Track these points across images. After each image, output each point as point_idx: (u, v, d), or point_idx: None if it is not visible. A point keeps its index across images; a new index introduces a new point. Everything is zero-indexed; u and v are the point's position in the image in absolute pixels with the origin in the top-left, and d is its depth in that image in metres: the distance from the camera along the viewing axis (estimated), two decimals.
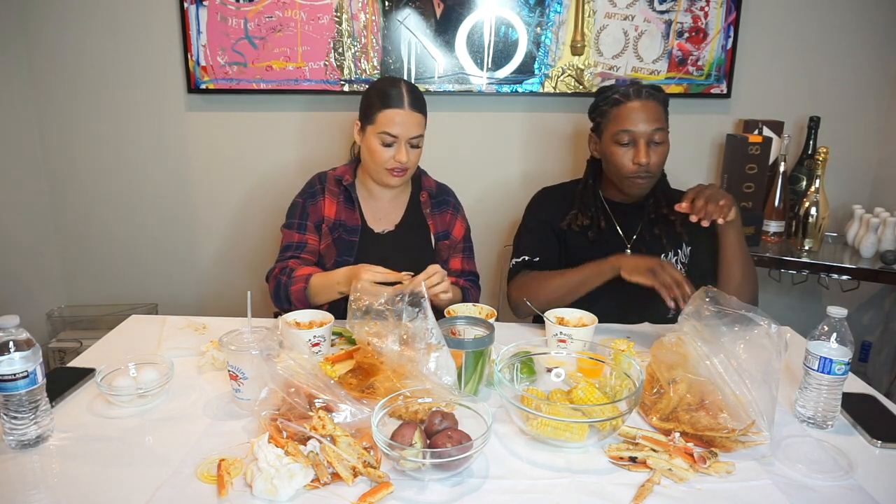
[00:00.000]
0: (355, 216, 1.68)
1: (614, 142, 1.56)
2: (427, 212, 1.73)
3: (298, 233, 1.66)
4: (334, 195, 1.69)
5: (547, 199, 1.72)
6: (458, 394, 1.11)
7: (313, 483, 0.94)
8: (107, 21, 2.24)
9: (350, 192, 1.69)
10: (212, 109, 2.34)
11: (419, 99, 1.61)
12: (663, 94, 1.57)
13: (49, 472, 0.99)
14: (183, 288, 2.54)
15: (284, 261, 1.61)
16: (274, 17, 2.20)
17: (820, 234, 2.06)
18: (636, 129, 1.52)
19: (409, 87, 1.60)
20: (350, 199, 1.69)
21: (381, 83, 1.63)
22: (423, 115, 1.61)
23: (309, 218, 1.67)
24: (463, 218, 1.78)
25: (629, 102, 1.54)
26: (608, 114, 1.58)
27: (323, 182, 1.71)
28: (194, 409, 1.17)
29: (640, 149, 1.52)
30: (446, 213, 1.75)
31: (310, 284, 1.52)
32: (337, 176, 1.71)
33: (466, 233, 1.78)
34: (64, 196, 2.43)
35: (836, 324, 1.10)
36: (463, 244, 1.76)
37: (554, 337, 1.35)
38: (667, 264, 1.41)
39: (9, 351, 0.99)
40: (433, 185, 1.77)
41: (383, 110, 1.56)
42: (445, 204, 1.76)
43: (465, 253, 1.76)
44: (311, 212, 1.68)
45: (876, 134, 2.35)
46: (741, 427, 1.04)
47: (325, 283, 1.50)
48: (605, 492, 0.95)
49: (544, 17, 2.20)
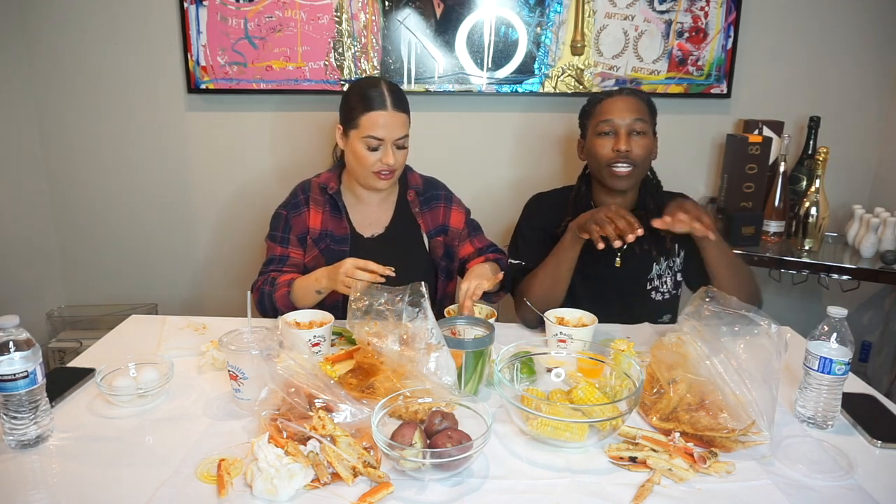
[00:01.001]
0: (343, 224, 1.64)
1: (596, 134, 1.58)
2: (416, 210, 1.69)
3: (281, 246, 1.63)
4: (319, 204, 1.65)
5: (540, 206, 1.72)
6: (458, 394, 1.11)
7: (313, 483, 0.94)
8: (107, 21, 2.24)
9: (336, 200, 1.65)
10: (212, 109, 2.34)
11: (401, 98, 1.57)
12: (647, 96, 1.61)
13: (49, 472, 0.99)
14: (183, 288, 2.54)
15: (267, 273, 1.60)
16: (274, 17, 2.20)
17: (820, 234, 2.06)
18: (617, 119, 1.54)
19: (389, 86, 1.56)
20: (336, 207, 1.65)
21: (360, 85, 1.58)
22: (407, 113, 1.57)
23: (292, 231, 1.64)
24: (458, 205, 1.73)
25: (611, 97, 1.58)
26: (591, 112, 1.61)
27: (307, 192, 1.67)
28: (194, 409, 1.17)
29: (620, 137, 1.53)
30: (438, 208, 1.70)
31: (293, 288, 1.51)
32: (321, 184, 1.66)
33: (467, 217, 1.73)
34: (64, 196, 2.43)
35: (836, 324, 1.10)
36: (467, 228, 1.72)
37: (554, 337, 1.35)
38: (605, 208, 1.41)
39: (9, 351, 0.99)
40: (420, 182, 1.71)
41: (366, 113, 1.52)
42: (435, 199, 1.71)
43: (472, 234, 1.73)
44: (295, 224, 1.64)
45: (876, 134, 2.35)
46: (741, 427, 1.04)
47: (305, 283, 1.50)
48: (605, 492, 0.95)
49: (544, 17, 2.20)
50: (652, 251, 1.61)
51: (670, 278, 1.64)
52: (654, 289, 1.64)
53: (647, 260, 1.62)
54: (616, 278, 1.62)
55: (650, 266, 1.62)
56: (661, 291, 1.64)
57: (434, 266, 1.70)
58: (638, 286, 1.64)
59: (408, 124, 1.58)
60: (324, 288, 1.45)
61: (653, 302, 1.64)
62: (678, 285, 1.67)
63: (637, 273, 1.63)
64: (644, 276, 1.63)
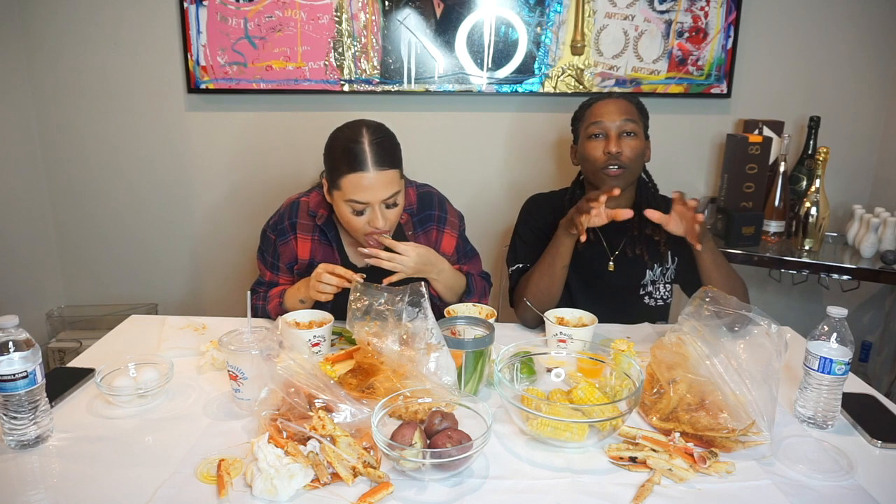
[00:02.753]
0: (334, 255, 1.55)
1: (587, 137, 1.58)
2: (409, 234, 1.57)
3: (270, 272, 1.59)
4: (307, 231, 1.55)
5: (537, 208, 1.72)
6: (458, 394, 1.11)
7: (313, 483, 0.94)
8: (107, 21, 2.24)
9: (325, 232, 1.55)
10: (212, 109, 2.34)
11: (387, 151, 1.38)
12: (637, 99, 1.61)
13: (49, 472, 0.99)
14: (183, 288, 2.54)
15: (258, 294, 1.58)
16: (274, 17, 2.20)
17: (820, 234, 2.06)
18: (606, 122, 1.54)
19: (373, 139, 1.37)
20: (327, 236, 1.55)
21: (341, 137, 1.40)
22: (395, 167, 1.40)
23: (280, 259, 1.57)
24: (452, 229, 1.61)
25: (601, 101, 1.58)
26: (582, 116, 1.62)
27: (294, 217, 1.55)
28: (194, 409, 1.17)
29: (610, 139, 1.53)
30: (431, 231, 1.60)
31: (284, 299, 1.52)
32: (311, 211, 1.55)
33: (458, 243, 1.62)
34: (64, 196, 2.43)
35: (836, 324, 1.10)
36: (456, 256, 1.63)
37: (554, 337, 1.35)
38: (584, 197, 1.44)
39: (8, 351, 0.99)
40: (414, 201, 1.58)
41: (346, 175, 1.36)
42: (429, 220, 1.60)
43: (462, 261, 1.64)
44: (283, 252, 1.56)
45: (876, 134, 2.35)
46: (741, 427, 1.04)
47: (291, 294, 1.51)
48: (605, 492, 0.95)
49: (544, 16, 2.20)
50: (645, 256, 1.61)
51: (663, 285, 1.65)
52: (647, 294, 1.65)
53: (641, 266, 1.62)
54: (610, 283, 1.62)
55: (643, 272, 1.63)
56: (655, 297, 1.65)
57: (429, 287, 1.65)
58: (631, 291, 1.64)
59: (397, 180, 1.41)
60: (304, 297, 1.46)
61: (646, 308, 1.65)
62: (671, 292, 1.68)
63: (631, 278, 1.63)
64: (637, 282, 1.63)
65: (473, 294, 1.59)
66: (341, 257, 1.57)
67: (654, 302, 1.65)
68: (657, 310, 1.67)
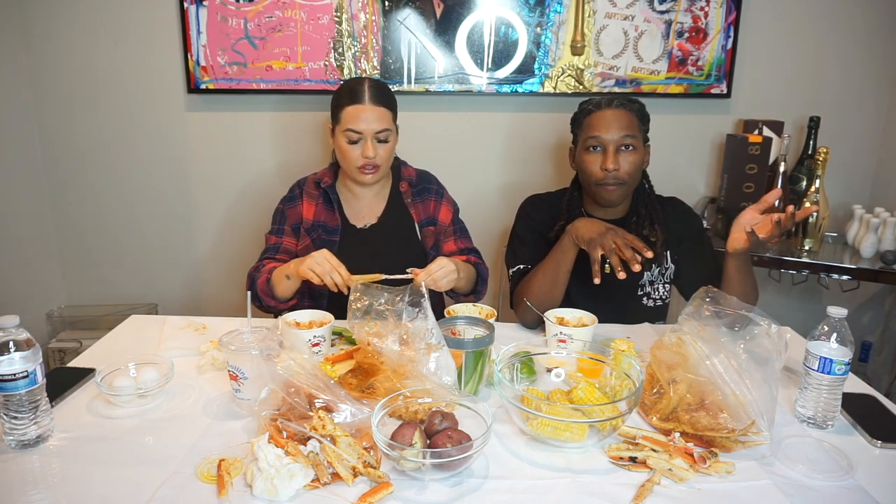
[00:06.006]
0: (335, 217, 1.69)
1: (585, 149, 1.57)
2: (408, 201, 1.73)
3: (276, 236, 1.70)
4: (313, 198, 1.71)
5: (535, 208, 1.72)
6: (458, 394, 1.11)
7: (313, 483, 0.94)
8: (107, 21, 2.24)
9: (329, 194, 1.70)
10: (212, 109, 2.34)
11: (383, 93, 1.61)
12: (638, 105, 1.58)
13: (49, 472, 0.99)
14: (183, 288, 2.54)
15: (261, 262, 1.64)
16: (274, 17, 2.20)
17: (820, 234, 2.06)
18: (605, 136, 1.53)
19: (372, 82, 1.61)
20: (329, 200, 1.70)
21: (346, 82, 1.65)
22: (389, 108, 1.61)
23: (286, 222, 1.71)
24: (448, 201, 1.77)
25: (600, 111, 1.56)
26: (582, 123, 1.60)
27: (301, 186, 1.74)
28: (194, 409, 1.17)
29: (608, 155, 1.53)
30: (429, 201, 1.75)
31: (272, 275, 1.54)
32: (316, 179, 1.73)
33: (454, 215, 1.77)
34: (64, 196, 2.43)
35: (836, 324, 1.10)
36: (453, 227, 1.76)
37: (554, 337, 1.35)
38: (613, 232, 1.41)
39: (9, 351, 0.99)
40: (413, 175, 1.76)
41: (345, 108, 1.58)
42: (427, 191, 1.75)
43: (457, 234, 1.76)
44: (289, 215, 1.71)
45: (876, 134, 2.35)
46: (741, 427, 1.04)
47: (281, 269, 1.53)
48: (605, 492, 0.95)
49: (544, 17, 2.20)
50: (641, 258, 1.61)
51: (662, 286, 1.65)
52: (645, 294, 1.65)
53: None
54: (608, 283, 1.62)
55: (641, 273, 1.62)
56: (653, 298, 1.65)
57: (426, 255, 1.72)
58: (630, 292, 1.64)
59: (390, 120, 1.61)
60: (292, 272, 1.48)
61: (644, 308, 1.65)
62: (669, 293, 1.68)
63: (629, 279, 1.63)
64: (636, 282, 1.63)
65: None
66: (341, 218, 1.70)
67: (652, 302, 1.66)
68: (655, 310, 1.67)
